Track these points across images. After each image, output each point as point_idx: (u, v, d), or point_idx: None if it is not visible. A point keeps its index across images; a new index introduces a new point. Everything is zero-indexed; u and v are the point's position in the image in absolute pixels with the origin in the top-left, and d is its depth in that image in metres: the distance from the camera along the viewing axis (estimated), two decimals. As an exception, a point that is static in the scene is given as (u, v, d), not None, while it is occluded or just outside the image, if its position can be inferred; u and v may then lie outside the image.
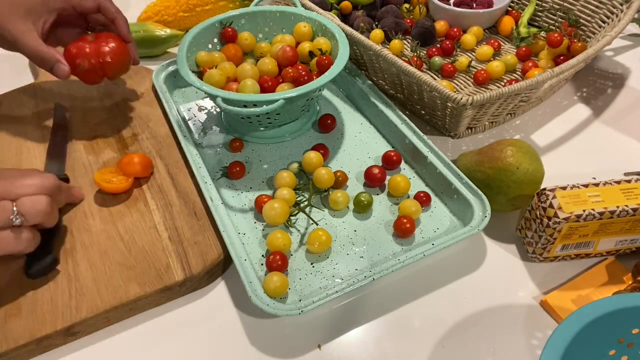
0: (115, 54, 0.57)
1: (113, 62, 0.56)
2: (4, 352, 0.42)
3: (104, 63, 0.56)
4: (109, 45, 0.56)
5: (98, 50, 0.56)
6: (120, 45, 0.57)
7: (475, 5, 0.82)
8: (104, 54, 0.56)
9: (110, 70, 0.57)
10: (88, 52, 0.55)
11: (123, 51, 0.58)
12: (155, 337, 0.45)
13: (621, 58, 0.77)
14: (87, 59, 0.55)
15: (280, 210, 0.50)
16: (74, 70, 0.56)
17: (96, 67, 0.56)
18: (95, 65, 0.56)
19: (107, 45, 0.56)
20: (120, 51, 0.57)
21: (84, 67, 0.55)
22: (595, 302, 0.35)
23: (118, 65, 0.57)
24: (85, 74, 0.56)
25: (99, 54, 0.56)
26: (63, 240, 0.50)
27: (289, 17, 0.66)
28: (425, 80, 0.56)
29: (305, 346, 0.44)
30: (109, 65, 0.56)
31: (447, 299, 0.48)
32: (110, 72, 0.57)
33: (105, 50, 0.56)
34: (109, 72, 0.57)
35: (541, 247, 0.48)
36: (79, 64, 0.55)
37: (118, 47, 0.57)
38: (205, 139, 0.63)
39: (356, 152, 0.61)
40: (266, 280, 0.45)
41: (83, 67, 0.55)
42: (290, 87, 0.58)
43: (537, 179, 0.50)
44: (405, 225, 0.50)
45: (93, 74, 0.57)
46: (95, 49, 0.56)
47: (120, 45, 0.57)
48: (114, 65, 0.57)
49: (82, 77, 0.57)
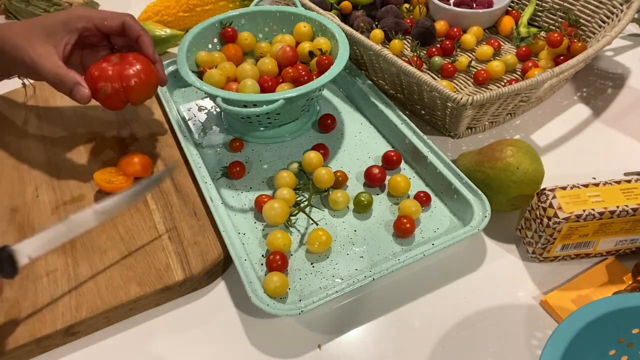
0: (141, 78, 0.51)
1: (138, 86, 0.51)
2: (4, 352, 0.42)
3: (128, 88, 0.51)
4: (135, 68, 0.51)
5: (122, 73, 0.51)
6: (147, 67, 0.52)
7: (475, 5, 0.82)
8: (129, 77, 0.51)
9: (134, 95, 0.52)
10: (111, 74, 0.50)
11: (150, 74, 0.52)
12: (156, 337, 0.45)
13: (621, 58, 0.77)
14: (110, 83, 0.50)
15: (280, 210, 0.50)
16: (95, 94, 0.51)
17: (119, 92, 0.51)
18: (119, 90, 0.51)
19: (132, 68, 0.51)
20: (147, 74, 0.52)
21: (106, 91, 0.50)
22: (595, 302, 0.35)
23: (144, 90, 0.52)
24: (107, 99, 0.51)
25: (123, 77, 0.50)
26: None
27: (289, 17, 0.66)
28: (425, 80, 0.56)
29: (305, 346, 0.44)
30: (134, 90, 0.51)
31: (447, 299, 0.48)
32: (135, 98, 0.52)
33: (129, 73, 0.51)
34: (132, 98, 0.52)
35: (541, 247, 0.48)
36: (100, 88, 0.50)
37: (144, 70, 0.52)
38: (205, 139, 0.63)
39: (356, 152, 0.61)
40: (266, 280, 0.45)
41: (105, 91, 0.50)
42: (290, 87, 0.58)
43: (537, 179, 0.50)
44: (405, 225, 0.50)
45: (116, 99, 0.51)
46: (119, 71, 0.51)
47: (147, 67, 0.52)
48: (139, 90, 0.52)
49: (104, 102, 0.52)
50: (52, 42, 0.51)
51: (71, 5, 0.82)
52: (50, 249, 0.43)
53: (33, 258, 0.42)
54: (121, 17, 0.53)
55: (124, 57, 0.52)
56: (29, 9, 0.80)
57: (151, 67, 0.53)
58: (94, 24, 0.53)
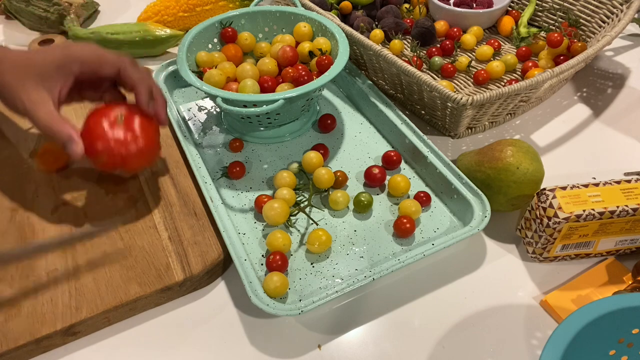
0: (142, 152, 0.47)
1: (137, 161, 0.48)
2: (4, 352, 0.42)
3: (126, 161, 0.47)
4: (138, 142, 0.47)
5: (123, 145, 0.46)
6: (151, 139, 0.48)
7: (475, 5, 0.82)
8: (129, 153, 0.47)
9: (130, 167, 0.48)
10: (112, 145, 0.46)
11: (152, 146, 0.49)
12: (155, 337, 0.45)
13: (621, 58, 0.77)
14: (107, 153, 0.46)
15: (280, 210, 0.50)
16: (89, 155, 0.47)
17: (116, 161, 0.47)
18: (116, 159, 0.47)
19: (135, 142, 0.47)
20: (149, 147, 0.48)
21: (101, 160, 0.47)
22: (595, 302, 0.35)
23: (141, 164, 0.50)
24: (101, 165, 0.48)
25: (123, 151, 0.46)
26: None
27: (289, 17, 0.66)
28: (425, 80, 0.56)
29: (305, 346, 0.44)
30: (131, 163, 0.48)
31: (447, 299, 0.48)
32: (130, 169, 0.49)
33: (131, 149, 0.47)
34: (128, 168, 0.48)
35: (541, 247, 0.48)
36: (97, 153, 0.46)
37: (148, 143, 0.48)
38: (205, 139, 0.63)
39: (356, 152, 0.61)
40: (266, 280, 0.45)
41: (101, 160, 0.47)
42: (290, 87, 0.58)
43: (537, 179, 0.50)
44: (405, 225, 0.50)
45: (110, 166, 0.48)
46: (120, 141, 0.46)
47: (150, 139, 0.48)
48: (137, 165, 0.49)
49: (96, 165, 0.48)
50: (47, 86, 0.47)
51: (71, 5, 0.82)
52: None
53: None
54: (118, 64, 0.49)
55: (129, 119, 0.48)
56: (29, 9, 0.80)
57: (155, 137, 0.50)
58: (91, 69, 0.49)
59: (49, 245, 0.49)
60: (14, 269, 0.47)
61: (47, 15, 0.80)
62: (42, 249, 0.49)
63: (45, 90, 0.47)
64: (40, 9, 0.80)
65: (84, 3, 0.86)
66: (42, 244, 0.49)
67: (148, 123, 0.49)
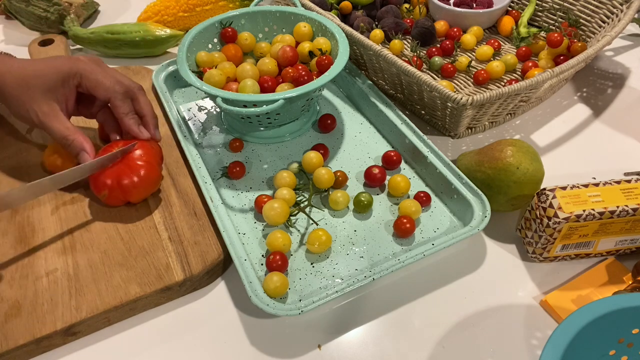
0: (141, 183, 0.50)
1: (137, 192, 0.51)
2: (4, 352, 0.42)
3: (127, 193, 0.50)
4: (136, 175, 0.50)
5: (122, 179, 0.50)
6: (151, 170, 0.51)
7: (475, 5, 0.82)
8: (128, 185, 0.50)
9: (135, 197, 0.52)
10: (110, 183, 0.50)
11: (152, 177, 0.51)
12: (155, 337, 0.45)
13: (621, 58, 0.77)
14: (107, 190, 0.50)
15: (280, 210, 0.50)
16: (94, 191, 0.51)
17: (118, 194, 0.51)
18: (117, 193, 0.50)
19: (133, 175, 0.50)
20: (149, 178, 0.51)
21: (104, 196, 0.51)
22: (595, 302, 0.35)
23: (143, 194, 0.52)
24: (106, 200, 0.52)
25: (122, 185, 0.50)
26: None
27: (289, 17, 0.66)
28: (425, 80, 0.56)
29: (305, 346, 0.44)
30: (132, 194, 0.51)
31: (447, 299, 0.48)
32: (135, 199, 0.52)
33: (130, 181, 0.50)
34: (133, 199, 0.52)
35: (541, 247, 0.48)
36: (99, 192, 0.50)
37: (147, 174, 0.51)
38: (205, 139, 0.63)
39: (356, 152, 0.61)
40: (266, 280, 0.45)
41: (104, 196, 0.51)
42: (290, 87, 0.58)
43: (537, 179, 0.50)
44: (405, 225, 0.50)
45: (114, 200, 0.51)
46: (119, 176, 0.50)
47: (150, 170, 0.51)
48: (138, 195, 0.51)
49: (103, 201, 0.52)
50: (53, 97, 0.50)
51: (71, 5, 0.82)
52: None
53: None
54: (109, 93, 0.51)
55: (128, 157, 0.51)
56: (29, 9, 0.80)
57: (155, 167, 0.52)
58: (86, 86, 0.51)
59: (49, 245, 0.49)
60: (14, 269, 0.47)
61: (47, 15, 0.80)
62: (42, 249, 0.49)
63: (54, 101, 0.50)
64: (40, 9, 0.80)
65: (84, 3, 0.86)
66: (42, 244, 0.49)
67: (146, 159, 0.52)
